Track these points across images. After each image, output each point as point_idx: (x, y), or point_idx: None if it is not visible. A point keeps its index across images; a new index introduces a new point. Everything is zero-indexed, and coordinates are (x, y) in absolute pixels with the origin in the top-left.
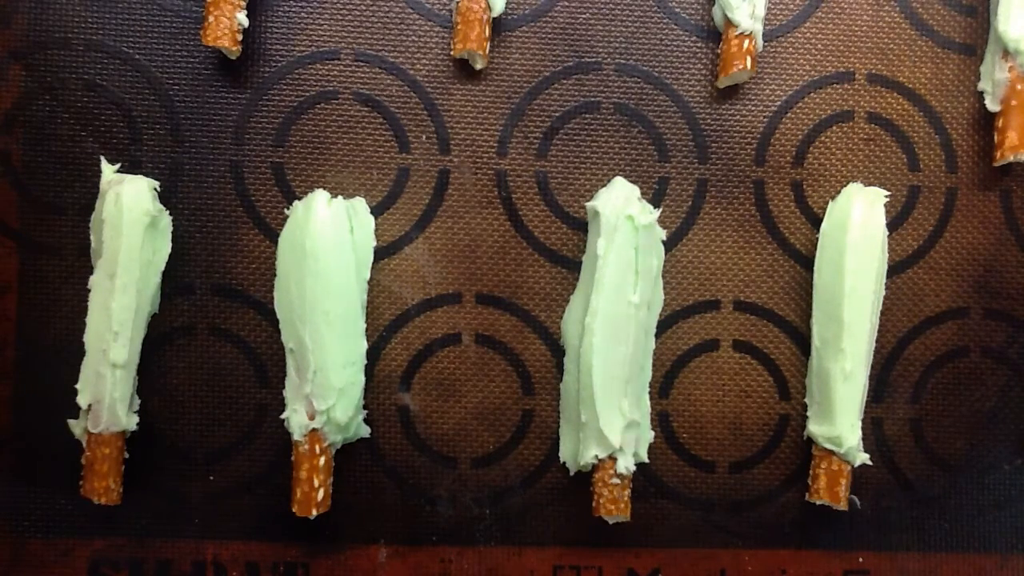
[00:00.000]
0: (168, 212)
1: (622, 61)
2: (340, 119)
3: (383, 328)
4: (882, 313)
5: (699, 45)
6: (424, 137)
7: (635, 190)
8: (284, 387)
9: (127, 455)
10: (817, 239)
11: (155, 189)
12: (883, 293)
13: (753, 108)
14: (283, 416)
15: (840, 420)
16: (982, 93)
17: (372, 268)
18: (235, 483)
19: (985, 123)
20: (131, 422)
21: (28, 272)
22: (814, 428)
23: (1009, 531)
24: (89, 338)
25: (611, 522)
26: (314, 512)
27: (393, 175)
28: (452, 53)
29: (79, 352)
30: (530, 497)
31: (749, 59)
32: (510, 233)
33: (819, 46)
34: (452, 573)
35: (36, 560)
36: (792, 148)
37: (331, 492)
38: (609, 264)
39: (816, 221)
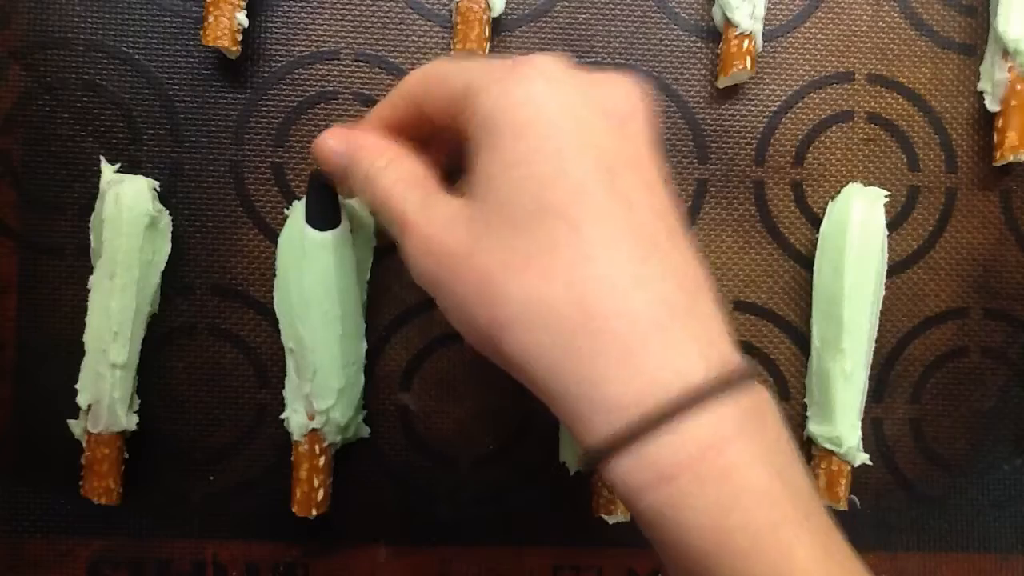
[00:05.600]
0: (168, 212)
1: (622, 61)
2: (340, 119)
3: (383, 328)
4: (882, 313)
5: (699, 45)
6: None
7: None
8: (284, 387)
9: (127, 455)
10: (817, 239)
11: (155, 189)
12: (883, 293)
13: (753, 108)
14: (283, 416)
15: (840, 420)
16: (982, 93)
17: (372, 268)
18: (235, 483)
19: (985, 123)
20: (131, 422)
21: (28, 272)
22: (814, 428)
23: (1009, 531)
24: (89, 338)
25: (611, 522)
26: (314, 512)
27: None
28: (452, 53)
29: (79, 352)
30: (530, 497)
31: (749, 59)
32: None
33: (819, 46)
34: (452, 573)
35: (36, 560)
36: (792, 148)
37: (331, 492)
38: None
39: (816, 221)
